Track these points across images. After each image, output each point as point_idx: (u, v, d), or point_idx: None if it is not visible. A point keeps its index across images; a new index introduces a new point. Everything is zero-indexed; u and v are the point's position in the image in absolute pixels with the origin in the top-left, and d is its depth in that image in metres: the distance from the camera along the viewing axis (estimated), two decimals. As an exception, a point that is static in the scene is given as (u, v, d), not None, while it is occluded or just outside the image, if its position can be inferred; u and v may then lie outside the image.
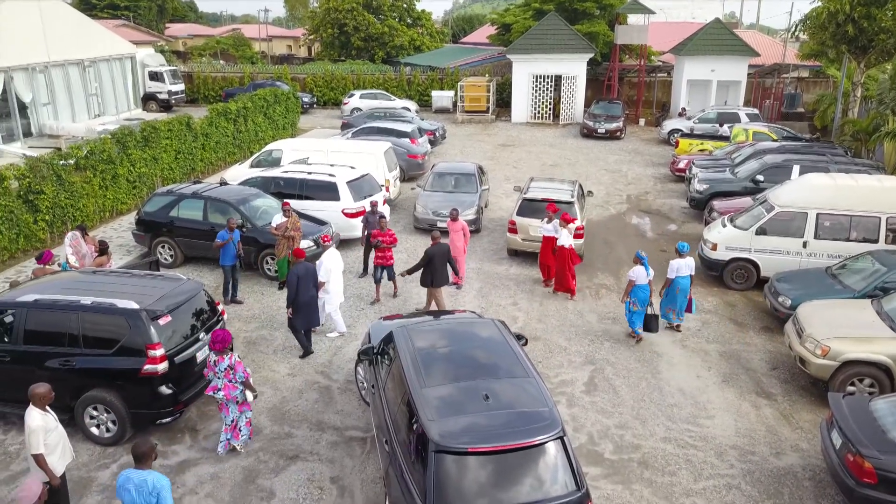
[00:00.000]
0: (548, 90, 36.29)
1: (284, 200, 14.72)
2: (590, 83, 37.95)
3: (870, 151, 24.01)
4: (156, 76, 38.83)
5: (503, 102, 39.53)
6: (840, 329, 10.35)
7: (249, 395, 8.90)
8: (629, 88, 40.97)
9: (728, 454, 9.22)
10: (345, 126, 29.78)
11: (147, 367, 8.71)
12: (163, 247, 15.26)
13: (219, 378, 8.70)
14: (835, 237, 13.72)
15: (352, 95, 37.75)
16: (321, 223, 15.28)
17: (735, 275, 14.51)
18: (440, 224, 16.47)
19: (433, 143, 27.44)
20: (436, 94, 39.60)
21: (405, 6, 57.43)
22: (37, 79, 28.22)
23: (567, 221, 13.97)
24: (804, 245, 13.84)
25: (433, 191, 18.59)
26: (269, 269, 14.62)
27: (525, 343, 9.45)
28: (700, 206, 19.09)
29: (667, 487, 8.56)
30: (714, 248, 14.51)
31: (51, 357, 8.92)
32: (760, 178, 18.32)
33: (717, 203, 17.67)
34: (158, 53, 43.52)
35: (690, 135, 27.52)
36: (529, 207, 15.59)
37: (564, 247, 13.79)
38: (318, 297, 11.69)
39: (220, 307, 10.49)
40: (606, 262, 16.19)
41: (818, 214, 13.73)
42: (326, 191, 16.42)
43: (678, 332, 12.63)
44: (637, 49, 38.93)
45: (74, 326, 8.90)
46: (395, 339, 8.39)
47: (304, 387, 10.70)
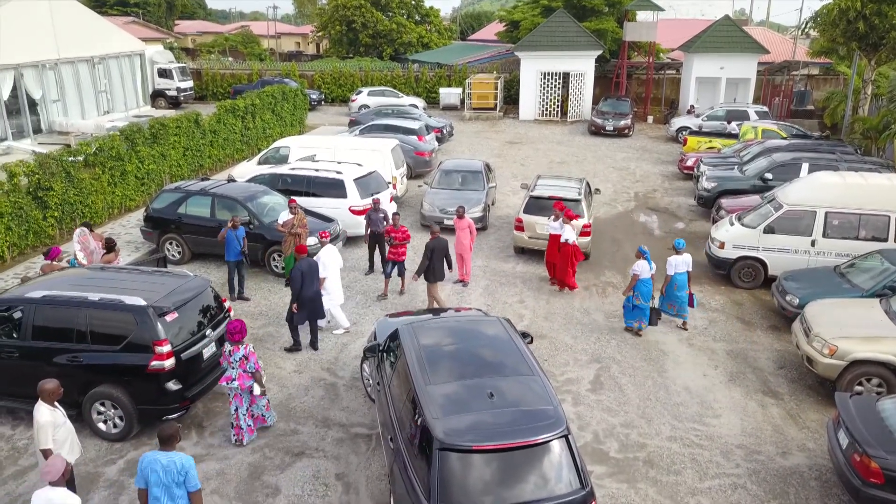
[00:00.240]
0: (556, 87, 36.20)
1: (291, 197, 14.77)
2: (598, 80, 37.78)
3: (880, 149, 23.83)
4: (165, 73, 38.93)
5: (511, 100, 39.47)
6: (848, 328, 10.30)
7: (257, 389, 8.94)
8: (637, 86, 40.79)
9: (734, 453, 9.19)
10: (352, 123, 29.81)
11: (154, 364, 8.76)
12: (171, 243, 15.33)
13: (233, 368, 8.79)
14: (843, 236, 13.64)
15: (360, 92, 37.79)
16: (328, 220, 15.31)
17: (743, 273, 14.45)
18: (447, 221, 16.47)
19: (440, 141, 27.43)
20: (443, 92, 39.57)
21: (413, 3, 57.44)
22: (47, 76, 28.37)
23: (570, 218, 13.98)
24: (812, 244, 13.76)
25: (440, 188, 18.58)
26: (276, 266, 14.67)
27: (531, 341, 9.46)
28: (708, 205, 19.01)
29: (672, 486, 8.55)
30: (722, 247, 14.45)
31: (59, 353, 8.98)
32: (769, 176, 18.23)
33: (726, 201, 17.60)
34: (167, 50, 43.71)
35: (699, 132, 27.35)
36: (536, 205, 15.59)
37: (568, 243, 13.80)
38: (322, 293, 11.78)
39: (227, 304, 10.55)
40: (613, 260, 16.14)
41: (827, 213, 13.65)
42: (333, 188, 16.46)
43: (685, 331, 12.61)
44: (646, 46, 38.73)
45: (82, 322, 8.96)
46: (401, 337, 8.41)
47: (311, 383, 10.74)
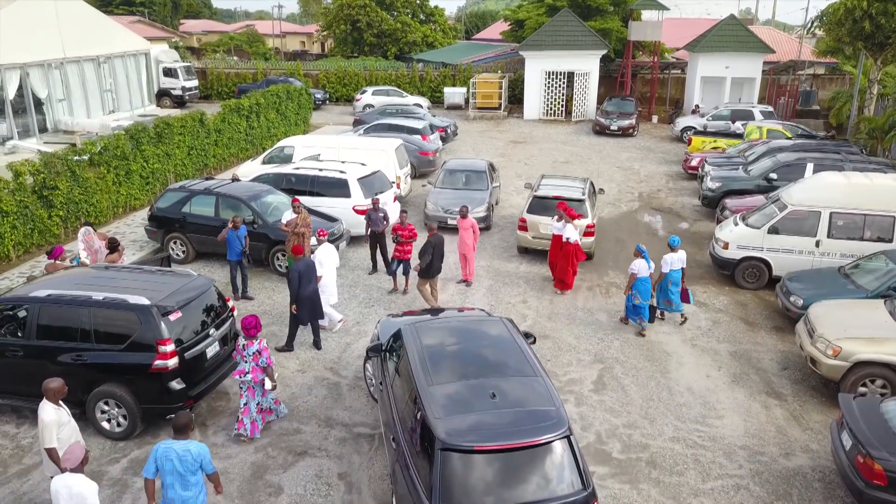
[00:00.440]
0: (560, 87, 36.15)
1: (294, 197, 14.79)
2: (603, 80, 37.74)
3: (886, 150, 23.75)
4: (170, 72, 39.03)
5: (515, 99, 39.44)
6: (852, 329, 10.27)
7: (268, 383, 9.08)
8: (642, 85, 40.72)
9: (737, 454, 9.18)
10: (357, 122, 29.83)
11: (157, 363, 8.80)
12: (175, 243, 15.38)
13: (246, 362, 8.89)
14: (848, 236, 13.60)
15: (364, 92, 37.81)
16: (332, 220, 15.33)
17: (747, 274, 14.42)
18: (450, 221, 16.47)
19: (445, 140, 27.39)
20: (448, 91, 39.57)
21: (418, 2, 57.38)
22: (52, 75, 28.48)
23: (572, 217, 13.98)
24: (817, 244, 13.72)
25: (444, 188, 18.59)
26: (280, 266, 14.70)
27: (533, 341, 9.45)
28: (712, 205, 18.98)
29: (675, 487, 8.54)
30: (726, 247, 14.42)
31: (63, 352, 9.02)
32: (774, 177, 18.20)
33: (730, 201, 17.56)
34: (172, 50, 43.77)
35: (704, 132, 27.31)
36: (540, 205, 15.57)
37: (570, 242, 13.81)
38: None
39: (231, 303, 10.57)
40: (617, 261, 16.12)
41: (831, 213, 13.60)
42: (337, 187, 16.48)
43: (688, 330, 12.59)
44: (650, 45, 38.64)
45: (86, 322, 8.99)
46: (404, 337, 8.41)
47: (314, 383, 10.76)
